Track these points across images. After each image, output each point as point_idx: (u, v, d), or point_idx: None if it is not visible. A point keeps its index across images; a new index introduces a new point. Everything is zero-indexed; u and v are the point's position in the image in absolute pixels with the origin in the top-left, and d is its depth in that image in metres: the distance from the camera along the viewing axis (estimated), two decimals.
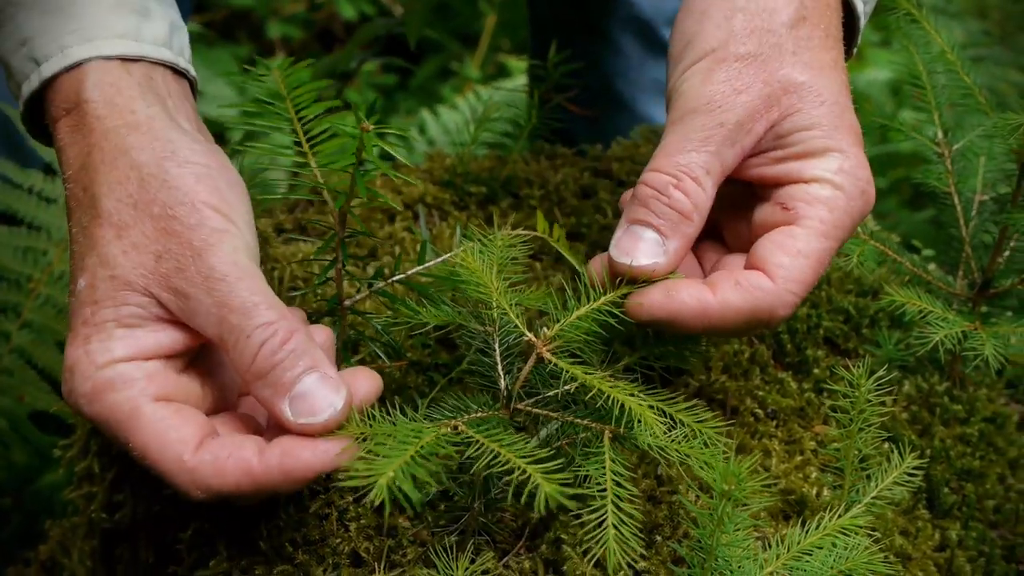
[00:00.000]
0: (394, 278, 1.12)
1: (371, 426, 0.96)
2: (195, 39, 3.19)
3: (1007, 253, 1.28)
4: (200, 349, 1.04)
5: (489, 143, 1.57)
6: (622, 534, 0.91)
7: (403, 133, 1.04)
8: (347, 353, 1.13)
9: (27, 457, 1.81)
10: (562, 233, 1.16)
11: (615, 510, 0.92)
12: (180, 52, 1.11)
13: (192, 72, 1.12)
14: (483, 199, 1.47)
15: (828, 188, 1.07)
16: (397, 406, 0.98)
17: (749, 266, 1.08)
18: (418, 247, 1.15)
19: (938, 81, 1.34)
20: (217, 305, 0.96)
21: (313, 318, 1.14)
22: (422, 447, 0.88)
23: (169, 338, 0.99)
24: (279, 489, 0.95)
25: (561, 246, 1.15)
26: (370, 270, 1.31)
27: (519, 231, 1.12)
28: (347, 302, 1.11)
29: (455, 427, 0.95)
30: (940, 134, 1.33)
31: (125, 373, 0.96)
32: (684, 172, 1.06)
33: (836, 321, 1.35)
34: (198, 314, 0.97)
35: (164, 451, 0.94)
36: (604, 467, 0.95)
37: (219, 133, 2.72)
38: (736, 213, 1.14)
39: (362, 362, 1.18)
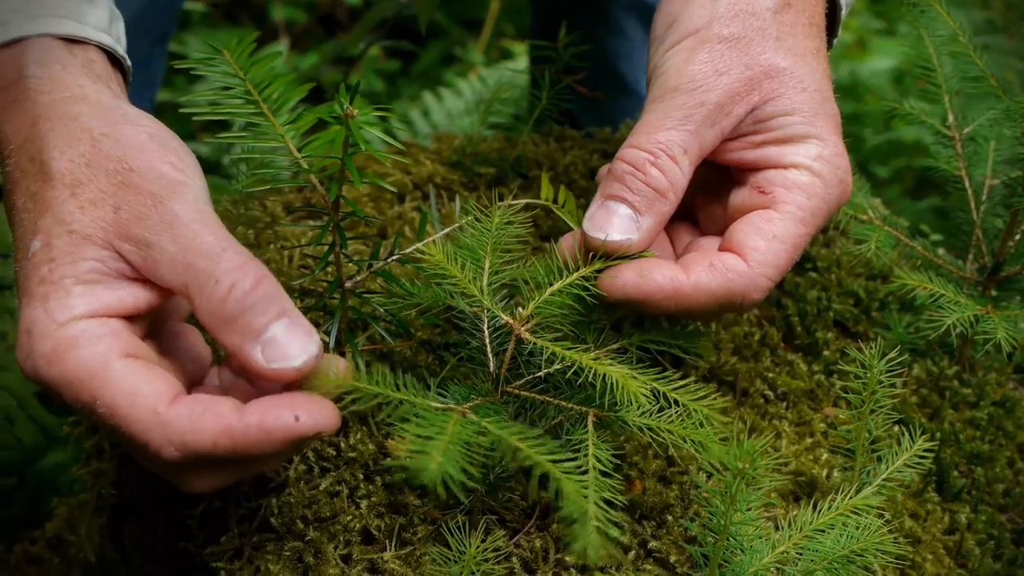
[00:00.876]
0: (391, 257, 1.12)
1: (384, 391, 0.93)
2: (199, 20, 3.20)
3: (1017, 237, 1.28)
4: (158, 331, 1.01)
5: (495, 125, 1.57)
6: (603, 522, 0.91)
7: (387, 114, 1.02)
8: (350, 334, 1.12)
9: (33, 436, 1.81)
10: (570, 197, 1.15)
11: (597, 500, 0.91)
12: (118, 40, 1.08)
13: (128, 62, 1.10)
14: (492, 180, 1.46)
15: (807, 175, 1.08)
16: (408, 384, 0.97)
17: (724, 248, 1.08)
18: (428, 227, 1.15)
19: (947, 65, 1.34)
20: (182, 251, 0.92)
21: (323, 298, 1.14)
22: (456, 433, 0.87)
23: (131, 295, 0.95)
24: (256, 452, 0.90)
25: (567, 212, 1.14)
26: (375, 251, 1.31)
27: (520, 200, 1.11)
28: (348, 283, 1.10)
29: (463, 414, 0.94)
30: (951, 118, 1.33)
31: (89, 330, 0.91)
32: (662, 150, 1.06)
33: (846, 304, 1.35)
34: (161, 264, 0.93)
35: (136, 405, 0.89)
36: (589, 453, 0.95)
37: (222, 121, 2.72)
38: (711, 197, 1.14)
39: (370, 340, 1.18)
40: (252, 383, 0.99)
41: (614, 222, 1.05)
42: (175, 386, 0.92)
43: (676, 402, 0.97)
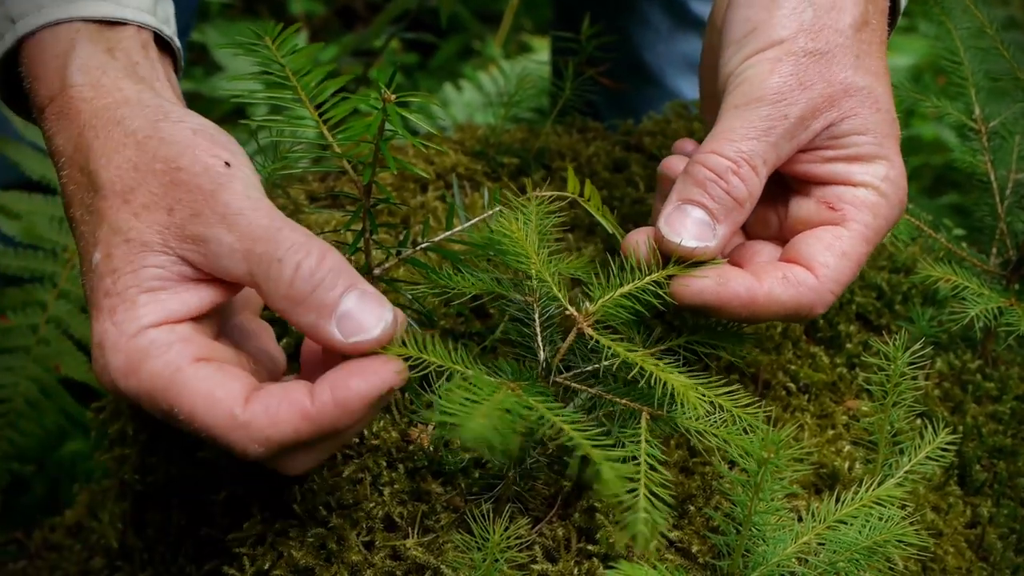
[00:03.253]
0: (421, 245, 1.12)
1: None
2: (217, 12, 3.21)
3: None
4: (232, 328, 1.02)
5: (516, 118, 1.57)
6: (653, 519, 0.91)
7: (426, 101, 1.03)
8: None
9: (57, 423, 1.81)
10: (595, 192, 1.15)
11: (647, 494, 0.92)
12: (165, 21, 1.08)
13: (177, 43, 1.10)
14: (515, 170, 1.46)
15: (874, 194, 1.10)
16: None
17: (791, 260, 1.09)
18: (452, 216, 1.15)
19: (973, 59, 1.34)
20: (240, 239, 0.92)
21: None
22: (501, 401, 0.87)
23: (196, 297, 0.95)
24: (338, 426, 0.91)
25: (593, 207, 1.15)
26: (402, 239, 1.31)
27: (551, 193, 1.11)
28: (377, 270, 1.11)
29: (511, 389, 0.94)
30: (977, 110, 1.33)
31: (158, 339, 0.92)
32: (744, 159, 1.06)
33: (869, 297, 1.35)
34: (221, 256, 0.93)
35: (213, 409, 0.90)
36: (639, 448, 0.95)
37: (240, 109, 2.73)
38: (767, 203, 1.15)
39: None
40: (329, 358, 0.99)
41: (689, 227, 1.06)
42: (248, 383, 0.93)
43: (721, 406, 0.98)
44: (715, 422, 0.98)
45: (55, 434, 1.86)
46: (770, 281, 1.05)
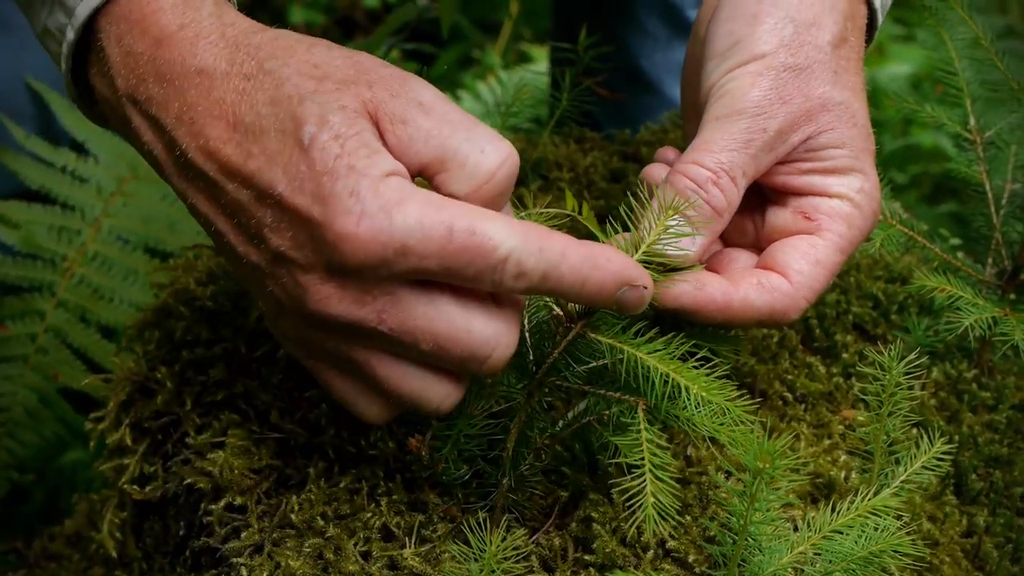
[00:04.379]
0: None
1: None
2: None
3: None
4: None
5: (514, 127, 1.58)
6: (661, 502, 0.91)
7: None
8: None
9: (56, 432, 1.82)
10: (591, 213, 1.16)
11: (653, 479, 0.92)
12: None
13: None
14: None
15: (848, 206, 1.12)
16: None
17: (767, 267, 1.11)
18: None
19: (968, 69, 1.34)
20: (437, 124, 0.92)
21: None
22: None
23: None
24: (590, 281, 0.93)
25: (589, 222, 1.16)
26: None
27: (548, 210, 1.13)
28: None
29: None
30: (972, 121, 1.33)
31: (408, 183, 0.90)
32: (724, 170, 1.08)
33: (865, 307, 1.36)
34: (416, 139, 0.92)
35: (493, 218, 0.89)
36: (638, 439, 0.96)
37: None
38: (743, 211, 1.16)
39: None
40: None
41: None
42: None
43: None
44: (706, 415, 0.98)
45: (54, 443, 1.86)
46: (745, 287, 1.08)
